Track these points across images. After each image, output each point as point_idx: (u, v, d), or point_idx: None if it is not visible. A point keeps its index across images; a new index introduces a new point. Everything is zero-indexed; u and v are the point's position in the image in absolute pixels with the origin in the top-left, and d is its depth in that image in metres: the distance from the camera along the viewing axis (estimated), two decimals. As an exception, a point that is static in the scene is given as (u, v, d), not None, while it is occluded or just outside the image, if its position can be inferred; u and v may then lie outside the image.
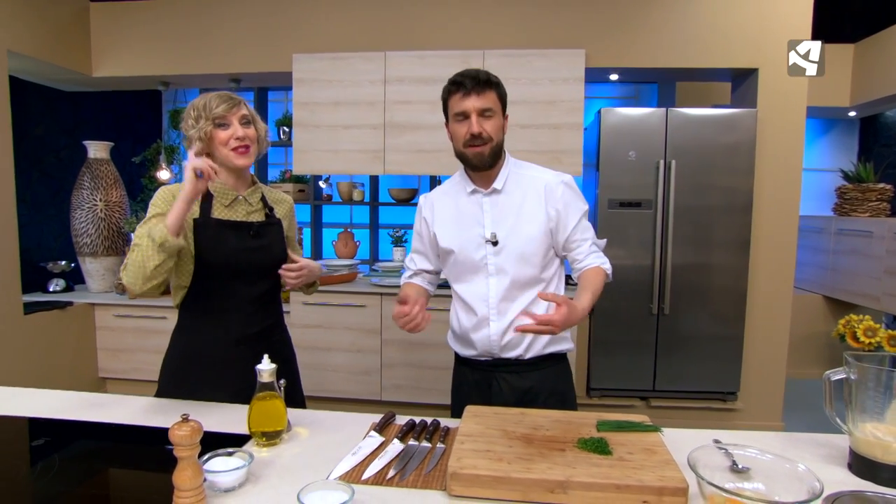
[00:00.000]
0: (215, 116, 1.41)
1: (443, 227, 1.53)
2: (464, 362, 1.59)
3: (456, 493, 0.98)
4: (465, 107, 1.38)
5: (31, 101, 3.78)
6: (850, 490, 1.02)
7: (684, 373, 3.15)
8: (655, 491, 0.94)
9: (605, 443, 1.08)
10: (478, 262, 1.47)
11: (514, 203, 1.46)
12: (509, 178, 1.48)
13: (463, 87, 1.38)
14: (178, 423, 0.90)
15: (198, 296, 1.46)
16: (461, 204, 1.51)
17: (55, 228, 3.93)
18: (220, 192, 1.47)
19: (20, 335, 3.07)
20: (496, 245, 1.45)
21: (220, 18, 3.50)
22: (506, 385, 1.50)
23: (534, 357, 1.49)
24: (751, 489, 0.98)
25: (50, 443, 1.22)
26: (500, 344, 1.48)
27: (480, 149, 1.40)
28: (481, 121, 1.39)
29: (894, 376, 1.07)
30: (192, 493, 0.90)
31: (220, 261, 1.43)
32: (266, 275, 1.51)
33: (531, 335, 1.45)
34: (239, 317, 1.48)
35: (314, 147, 3.38)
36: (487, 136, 1.39)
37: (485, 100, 1.39)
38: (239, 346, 1.46)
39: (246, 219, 1.49)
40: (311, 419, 1.34)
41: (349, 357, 3.29)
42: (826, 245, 4.10)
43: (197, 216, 1.43)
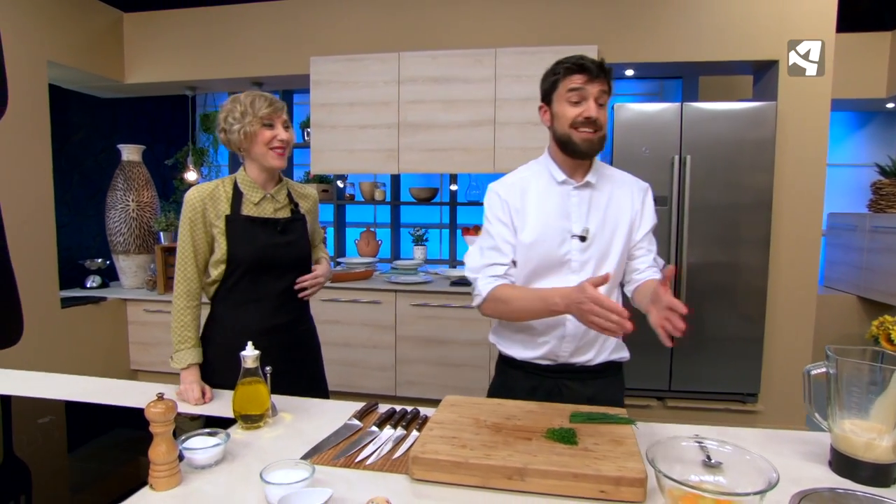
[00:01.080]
0: (262, 116, 1.49)
1: (524, 220, 1.40)
2: (518, 366, 1.46)
3: (417, 477, 1.00)
4: (586, 89, 1.30)
5: (72, 109, 4.00)
6: (825, 487, 1.00)
7: (701, 373, 3.07)
8: (613, 481, 0.94)
9: (573, 433, 1.09)
10: (561, 257, 1.37)
11: (602, 199, 1.40)
12: (599, 174, 1.42)
13: (588, 71, 1.30)
14: (153, 401, 0.97)
15: (229, 289, 1.55)
16: (546, 196, 1.40)
17: (93, 228, 4.15)
18: (249, 189, 1.55)
19: (57, 328, 3.27)
20: (584, 240, 1.37)
21: (242, 25, 3.63)
22: (568, 392, 1.40)
23: (600, 363, 1.42)
24: (712, 482, 0.97)
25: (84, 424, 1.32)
26: (573, 346, 1.39)
27: (592, 135, 1.32)
28: (598, 108, 1.32)
29: (874, 371, 1.04)
30: (166, 466, 0.96)
31: (249, 255, 1.51)
32: (292, 268, 1.59)
33: (601, 339, 1.40)
34: (267, 308, 1.56)
35: (331, 147, 3.47)
36: (600, 123, 1.33)
37: (603, 87, 1.32)
38: (266, 337, 1.53)
39: (273, 216, 1.58)
40: (298, 405, 1.39)
41: (365, 353, 3.36)
42: (860, 243, 3.92)
43: (228, 213, 1.52)
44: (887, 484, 1.01)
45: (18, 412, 1.40)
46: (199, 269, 1.53)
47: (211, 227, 1.52)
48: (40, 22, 3.19)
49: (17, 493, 1.00)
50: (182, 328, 1.51)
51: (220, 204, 1.52)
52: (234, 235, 1.52)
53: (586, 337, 1.39)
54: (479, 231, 3.76)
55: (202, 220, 1.51)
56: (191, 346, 1.50)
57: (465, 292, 3.14)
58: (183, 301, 1.52)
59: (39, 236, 3.19)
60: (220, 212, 1.52)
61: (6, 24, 2.95)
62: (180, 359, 1.48)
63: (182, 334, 1.50)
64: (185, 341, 1.50)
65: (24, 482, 1.06)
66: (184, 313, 1.51)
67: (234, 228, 1.52)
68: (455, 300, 3.19)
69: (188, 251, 1.51)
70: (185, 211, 1.51)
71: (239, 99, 1.51)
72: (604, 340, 1.41)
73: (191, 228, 1.50)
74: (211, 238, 1.53)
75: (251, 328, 1.53)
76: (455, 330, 3.20)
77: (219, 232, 1.51)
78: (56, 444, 1.25)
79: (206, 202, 1.51)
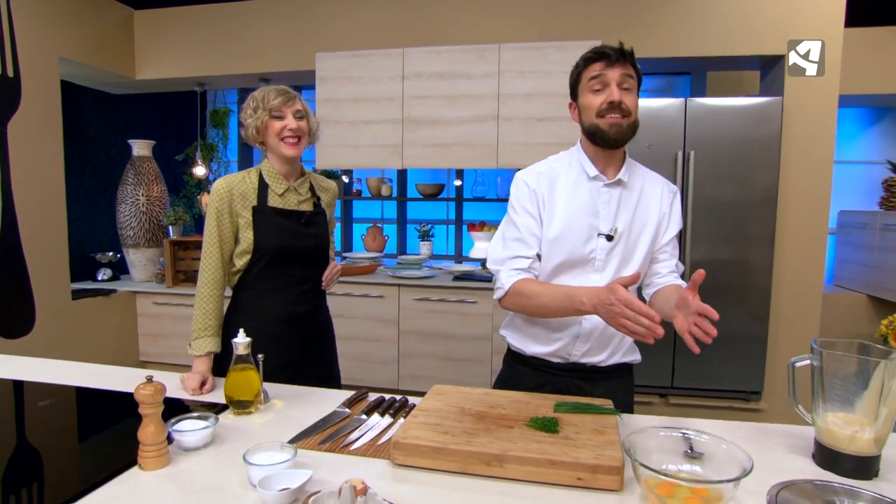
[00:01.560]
0: (272, 108, 1.52)
1: (552, 213, 1.35)
2: (526, 362, 1.45)
3: (398, 462, 1.02)
4: (606, 74, 1.27)
5: (85, 104, 4.08)
6: (803, 479, 1.00)
7: (704, 370, 3.06)
8: (589, 468, 0.95)
9: (555, 422, 1.10)
10: (586, 255, 1.34)
11: (633, 198, 1.36)
12: (630, 172, 1.38)
13: (606, 58, 1.27)
14: (142, 384, 0.99)
15: (253, 278, 1.59)
16: (575, 191, 1.35)
17: (104, 222, 4.23)
18: (274, 181, 1.59)
19: (68, 319, 3.34)
20: (610, 240, 1.33)
21: (249, 22, 3.68)
22: (577, 392, 1.38)
23: (612, 365, 1.40)
24: (689, 472, 0.97)
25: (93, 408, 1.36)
26: (587, 346, 1.37)
27: (619, 120, 1.27)
28: (623, 92, 1.27)
29: (858, 364, 1.04)
30: (154, 447, 0.99)
31: (274, 245, 1.55)
32: (313, 259, 1.64)
33: (615, 341, 1.38)
34: (288, 297, 1.60)
35: (337, 142, 3.50)
36: (627, 108, 1.27)
37: (627, 71, 1.28)
38: (286, 325, 1.58)
39: (297, 207, 1.61)
40: (290, 393, 1.42)
41: (368, 346, 3.39)
42: (870, 241, 3.86)
43: (255, 204, 1.55)
44: (869, 476, 1.01)
45: (26, 395, 1.44)
46: (224, 258, 1.56)
47: (237, 217, 1.55)
48: (53, 19, 3.26)
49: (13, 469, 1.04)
50: (204, 316, 1.53)
51: (248, 195, 1.56)
52: (261, 226, 1.55)
53: (602, 338, 1.36)
54: (485, 227, 3.79)
55: (228, 210, 1.54)
56: (211, 334, 1.53)
57: (467, 287, 3.15)
58: (207, 290, 1.54)
59: (51, 230, 3.26)
60: (247, 203, 1.55)
61: (20, 22, 3.02)
62: (199, 346, 1.51)
63: (204, 322, 1.53)
64: (206, 329, 1.53)
65: (19, 460, 1.09)
66: (207, 302, 1.54)
67: (261, 219, 1.55)
68: (458, 295, 3.20)
69: (214, 240, 1.54)
70: (213, 201, 1.53)
71: (254, 95, 1.56)
72: (618, 342, 1.38)
73: (217, 218, 1.53)
74: (236, 228, 1.56)
75: (273, 316, 1.58)
76: (457, 324, 3.22)
77: (245, 222, 1.55)
78: (55, 425, 1.29)
79: (234, 193, 1.54)
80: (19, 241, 3.05)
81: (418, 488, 0.95)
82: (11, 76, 2.98)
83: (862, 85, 3.71)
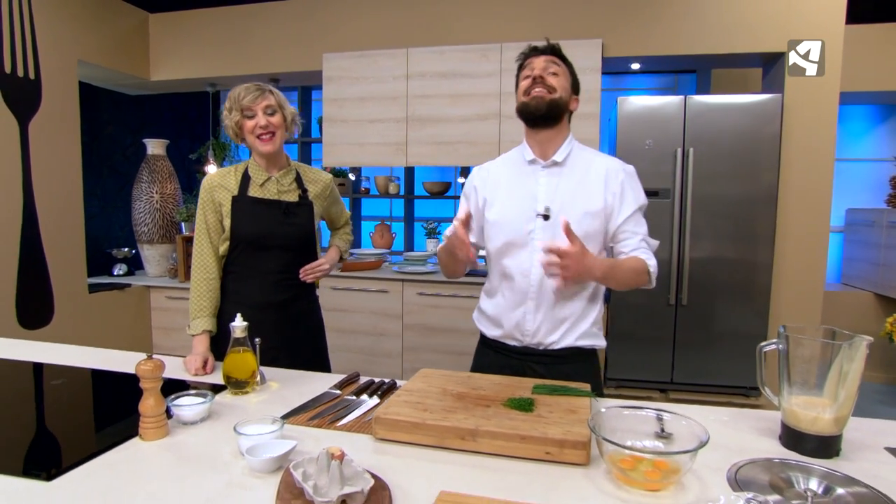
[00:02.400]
0: (243, 107, 1.58)
1: (493, 195, 1.47)
2: (489, 344, 1.54)
3: (380, 437, 1.09)
4: (532, 61, 1.40)
5: (103, 105, 4.22)
6: (764, 457, 1.04)
7: (704, 366, 3.08)
8: (557, 443, 1.01)
9: (531, 402, 1.15)
10: (525, 236, 1.40)
11: (572, 179, 1.41)
12: (571, 155, 1.44)
13: (534, 50, 1.42)
14: (143, 360, 1.07)
15: (232, 263, 1.67)
16: (516, 174, 1.46)
17: (121, 219, 4.36)
18: (256, 173, 1.66)
19: (84, 312, 3.47)
20: (547, 219, 1.39)
21: (259, 24, 3.78)
22: (533, 374, 1.43)
23: (564, 349, 1.43)
24: (651, 447, 1.02)
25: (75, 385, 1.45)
26: (533, 327, 1.43)
27: (540, 91, 1.36)
28: (547, 74, 1.38)
29: (820, 347, 1.08)
30: (153, 419, 1.07)
31: (251, 233, 1.63)
32: (293, 249, 1.69)
33: (566, 324, 1.43)
34: (266, 284, 1.67)
35: (342, 140, 3.58)
36: (550, 84, 1.36)
37: (550, 60, 1.39)
38: (264, 311, 1.64)
39: (277, 198, 1.67)
40: (286, 376, 1.49)
41: (372, 340, 3.47)
42: (877, 239, 3.84)
43: (235, 194, 1.63)
44: (830, 455, 1.05)
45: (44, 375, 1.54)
46: (212, 245, 1.65)
47: (220, 206, 1.64)
48: (72, 23, 3.38)
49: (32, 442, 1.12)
50: (198, 298, 1.62)
51: (230, 186, 1.64)
52: (238, 214, 1.63)
53: (546, 321, 1.42)
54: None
55: (211, 201, 1.63)
56: (205, 315, 1.61)
57: (469, 282, 3.21)
58: (198, 274, 1.64)
59: (69, 226, 3.39)
60: (229, 193, 1.64)
61: (41, 26, 3.15)
62: (195, 326, 1.60)
63: (198, 303, 1.62)
64: (201, 310, 1.62)
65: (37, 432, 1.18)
66: (199, 285, 1.63)
67: (239, 208, 1.63)
68: (460, 290, 3.26)
69: (202, 229, 1.64)
70: (201, 193, 1.64)
71: (230, 94, 1.61)
72: (568, 327, 1.43)
73: (203, 209, 1.63)
74: (221, 217, 1.64)
75: (250, 301, 1.64)
76: (460, 318, 3.28)
77: (226, 211, 1.63)
78: (67, 402, 1.38)
79: (216, 186, 1.63)
80: (39, 236, 3.18)
81: (397, 460, 1.02)
82: (33, 78, 3.11)
83: (868, 82, 3.70)
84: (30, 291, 3.13)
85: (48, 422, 1.26)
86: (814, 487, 0.93)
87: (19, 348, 1.76)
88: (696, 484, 0.94)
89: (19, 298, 3.06)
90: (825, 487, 0.93)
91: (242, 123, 1.59)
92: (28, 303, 3.12)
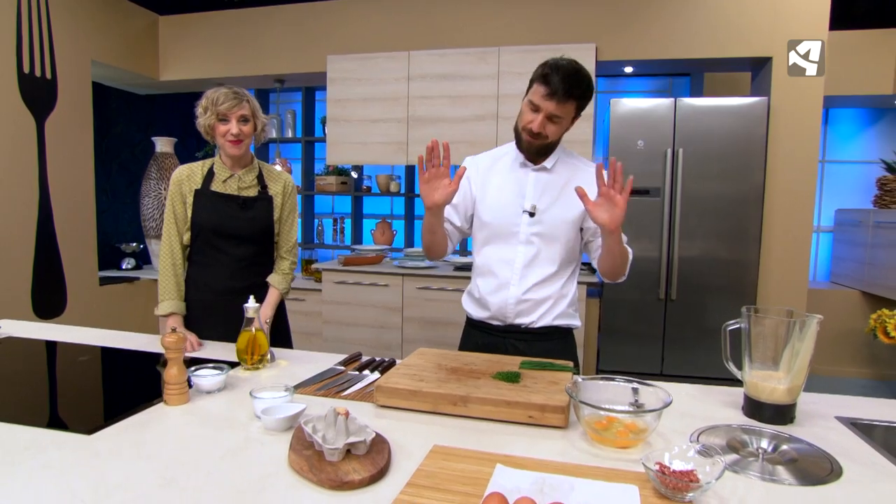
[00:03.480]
0: (219, 112, 1.69)
1: (485, 191, 1.59)
2: (475, 325, 1.68)
3: (380, 403, 1.21)
4: (543, 105, 1.43)
5: (112, 104, 4.35)
6: (724, 424, 1.16)
7: (693, 359, 3.19)
8: (538, 408, 1.13)
9: (518, 375, 1.27)
10: (511, 230, 1.54)
11: (558, 183, 1.55)
12: (559, 162, 1.57)
13: (553, 91, 1.40)
14: (167, 333, 1.20)
15: (195, 253, 1.79)
16: (508, 173, 1.58)
17: (129, 215, 4.49)
18: (220, 170, 1.78)
19: (95, 303, 3.59)
20: (533, 216, 1.53)
21: (265, 27, 3.91)
22: (514, 350, 1.57)
23: (543, 327, 1.56)
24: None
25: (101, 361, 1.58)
26: (515, 309, 1.56)
27: (533, 141, 1.50)
28: (547, 123, 1.45)
29: (777, 325, 1.20)
30: (177, 386, 1.19)
31: (211, 224, 1.75)
32: (251, 240, 1.80)
33: (545, 306, 1.56)
34: (225, 272, 1.78)
35: (345, 140, 3.71)
36: (545, 136, 1.48)
37: (561, 109, 1.43)
38: (223, 297, 1.75)
39: (238, 193, 1.79)
40: (294, 356, 1.62)
41: (373, 332, 3.58)
42: (864, 239, 3.96)
43: (199, 188, 1.75)
44: (785, 422, 1.17)
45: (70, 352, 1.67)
46: (179, 233, 1.77)
47: (186, 198, 1.76)
48: (86, 25, 3.52)
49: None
50: (165, 280, 1.74)
51: (195, 180, 1.76)
52: (199, 206, 1.75)
53: (527, 303, 1.55)
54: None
55: (179, 193, 1.75)
56: (172, 297, 1.74)
57: (466, 276, 3.33)
58: (166, 259, 1.76)
59: (82, 221, 3.52)
60: (192, 186, 1.75)
61: (57, 28, 3.28)
62: (163, 307, 1.73)
63: (165, 286, 1.74)
64: (167, 292, 1.74)
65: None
66: (166, 269, 1.75)
67: (200, 200, 1.75)
68: (457, 284, 3.39)
69: (170, 218, 1.76)
70: (171, 185, 1.77)
71: (207, 94, 1.71)
72: (547, 308, 1.56)
73: (171, 199, 1.76)
74: (186, 208, 1.76)
75: (210, 288, 1.76)
76: (457, 313, 3.39)
77: (189, 203, 1.75)
78: (94, 374, 1.50)
79: (183, 179, 1.76)
80: (54, 230, 3.31)
81: (395, 423, 1.14)
82: (49, 78, 3.24)
83: (856, 86, 3.82)
84: (45, 282, 3.26)
85: (82, 389, 1.40)
86: (764, 446, 1.05)
87: (48, 331, 1.89)
88: (660, 442, 1.06)
89: (35, 289, 3.19)
90: (774, 446, 1.05)
91: (216, 126, 1.70)
92: (43, 293, 3.24)
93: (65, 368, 1.58)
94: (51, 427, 1.07)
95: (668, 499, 0.83)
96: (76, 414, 1.21)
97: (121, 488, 0.85)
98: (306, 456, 0.93)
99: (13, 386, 1.39)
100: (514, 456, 0.96)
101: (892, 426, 1.20)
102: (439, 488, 0.85)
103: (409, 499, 0.82)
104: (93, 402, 1.31)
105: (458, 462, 0.94)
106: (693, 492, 0.82)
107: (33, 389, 1.38)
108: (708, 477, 0.83)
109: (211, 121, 1.70)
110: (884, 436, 1.17)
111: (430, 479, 0.87)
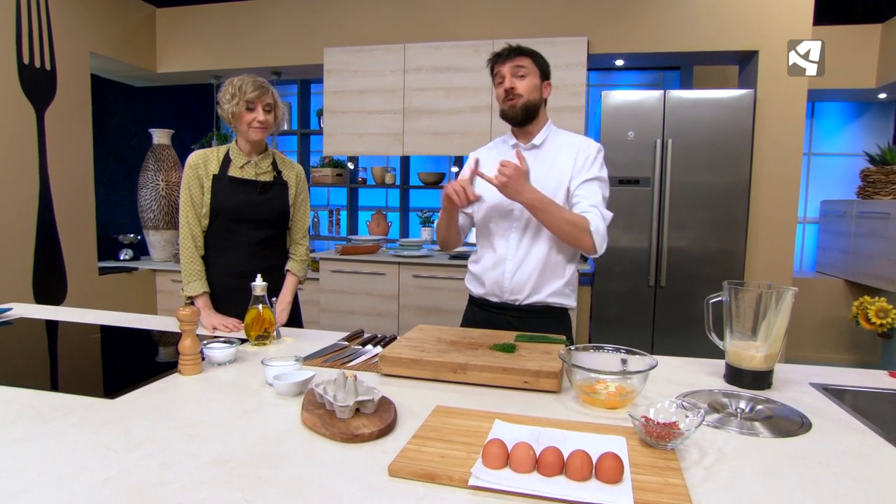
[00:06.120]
0: (248, 100, 1.75)
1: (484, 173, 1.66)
2: (475, 302, 1.77)
3: (384, 372, 1.28)
4: (500, 70, 1.60)
5: (109, 96, 4.37)
6: (706, 389, 1.25)
7: (682, 345, 3.28)
8: (533, 374, 1.20)
9: (513, 346, 1.35)
10: (507, 207, 1.62)
11: (548, 158, 1.64)
12: (549, 139, 1.67)
13: (499, 57, 1.60)
14: (183, 306, 1.26)
15: (213, 237, 1.85)
16: (501, 156, 1.63)
17: (126, 206, 4.52)
18: (237, 156, 1.84)
19: (95, 293, 3.63)
20: None
21: (263, 19, 3.95)
22: (509, 327, 1.63)
23: (536, 303, 1.63)
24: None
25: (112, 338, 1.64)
26: (510, 285, 1.64)
27: (513, 101, 1.58)
28: (514, 79, 1.57)
29: (755, 298, 1.28)
30: (190, 357, 1.26)
31: (229, 208, 1.81)
32: (268, 223, 1.87)
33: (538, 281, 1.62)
34: (243, 255, 1.84)
35: (342, 131, 3.76)
36: (518, 92, 1.57)
37: (517, 62, 1.57)
38: (242, 279, 1.78)
39: (255, 178, 1.85)
40: (299, 333, 1.69)
41: (370, 320, 3.65)
42: (847, 229, 4.07)
43: (216, 173, 1.80)
44: (763, 387, 1.25)
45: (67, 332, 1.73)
46: (197, 216, 1.82)
47: (203, 182, 1.81)
48: (84, 17, 3.54)
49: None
50: (190, 263, 1.80)
51: (211, 165, 1.81)
52: (218, 191, 1.80)
53: (521, 280, 1.62)
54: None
55: (195, 176, 1.80)
56: (200, 278, 1.80)
57: (461, 265, 3.41)
58: (187, 241, 1.81)
59: (81, 211, 3.56)
60: (209, 172, 1.81)
61: (56, 19, 3.30)
62: (192, 288, 1.77)
63: (190, 268, 1.79)
64: (193, 274, 1.79)
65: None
66: (188, 250, 1.81)
67: (219, 186, 1.80)
68: (451, 272, 3.46)
69: (187, 202, 1.81)
70: (186, 170, 1.81)
71: (233, 82, 1.77)
72: (541, 284, 1.63)
73: (188, 183, 1.80)
74: (203, 192, 1.81)
75: (229, 271, 1.82)
76: (452, 299, 3.48)
77: (207, 188, 1.80)
78: (110, 349, 1.56)
79: (200, 164, 1.81)
80: (54, 219, 3.35)
81: (399, 389, 1.21)
82: (49, 69, 3.27)
83: (841, 80, 3.92)
84: (45, 271, 3.30)
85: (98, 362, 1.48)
86: (742, 406, 1.13)
87: (57, 313, 1.94)
88: (646, 404, 1.14)
89: (35, 277, 3.22)
90: (751, 407, 1.13)
91: (242, 114, 1.76)
92: (43, 282, 3.28)
93: (80, 345, 1.64)
94: (77, 393, 1.13)
95: (653, 447, 0.91)
96: (96, 383, 1.28)
97: (148, 441, 0.92)
98: (318, 414, 1.00)
99: (34, 360, 1.46)
100: (511, 414, 1.04)
101: (861, 390, 1.29)
102: (443, 439, 0.92)
103: (415, 447, 0.89)
104: (110, 373, 1.38)
105: (460, 419, 1.01)
106: (675, 439, 0.90)
107: (52, 362, 1.45)
108: (689, 426, 0.91)
109: (239, 108, 1.74)
110: (853, 398, 1.26)
111: (434, 433, 0.95)
